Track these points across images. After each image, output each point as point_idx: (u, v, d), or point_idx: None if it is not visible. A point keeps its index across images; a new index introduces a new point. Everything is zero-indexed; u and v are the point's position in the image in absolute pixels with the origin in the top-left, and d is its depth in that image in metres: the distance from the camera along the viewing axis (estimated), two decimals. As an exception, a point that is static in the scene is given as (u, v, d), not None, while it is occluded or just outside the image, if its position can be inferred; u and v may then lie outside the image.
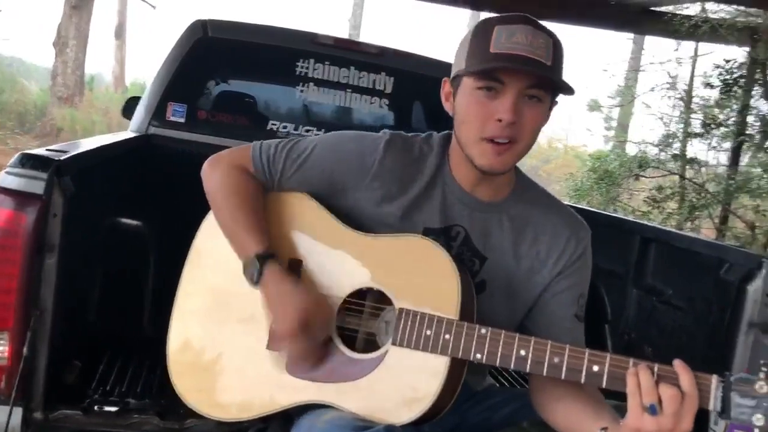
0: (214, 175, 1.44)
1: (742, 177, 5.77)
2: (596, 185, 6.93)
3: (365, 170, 1.39)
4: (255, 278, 1.31)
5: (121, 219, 2.24)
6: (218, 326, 1.39)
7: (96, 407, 1.62)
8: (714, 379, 1.09)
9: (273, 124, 3.19)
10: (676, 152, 6.85)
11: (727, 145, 6.67)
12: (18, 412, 1.46)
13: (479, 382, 1.52)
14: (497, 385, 1.57)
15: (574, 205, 3.49)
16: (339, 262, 1.35)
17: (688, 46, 8.13)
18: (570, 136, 19.55)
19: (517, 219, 1.42)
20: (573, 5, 5.26)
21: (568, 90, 1.30)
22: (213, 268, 1.44)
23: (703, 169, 6.85)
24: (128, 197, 2.51)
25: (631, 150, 8.35)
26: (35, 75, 17.58)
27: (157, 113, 2.99)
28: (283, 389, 1.30)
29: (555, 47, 1.29)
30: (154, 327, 2.18)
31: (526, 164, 20.31)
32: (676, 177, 6.80)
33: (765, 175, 5.88)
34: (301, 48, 3.19)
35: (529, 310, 1.44)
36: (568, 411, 1.26)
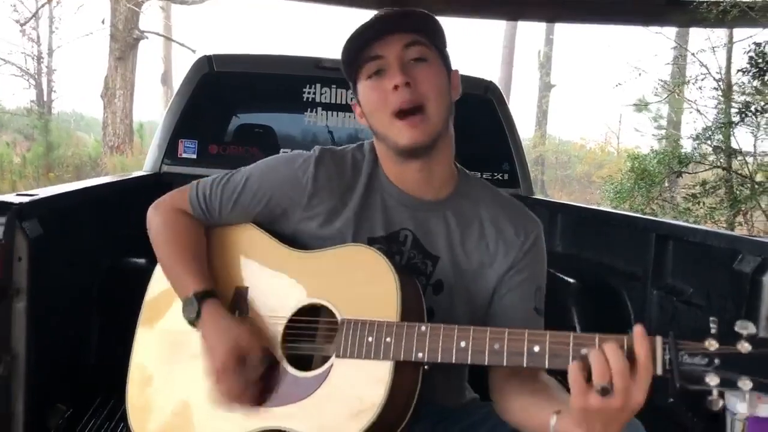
0: (154, 220, 1.45)
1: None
2: (636, 186, 6.68)
3: (301, 192, 1.38)
4: (193, 317, 1.31)
5: (123, 259, 2.24)
6: (170, 365, 1.38)
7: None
8: (658, 340, 0.99)
9: (284, 152, 3.19)
10: (718, 144, 6.55)
11: (775, 132, 6.36)
12: (-3, 458, 1.46)
13: (454, 398, 1.45)
14: (478, 398, 1.49)
15: (591, 207, 3.38)
16: (282, 283, 1.33)
17: (736, 33, 7.82)
18: (622, 139, 19.11)
19: (463, 215, 1.39)
20: (594, 3, 5.14)
21: (437, 33, 1.32)
22: (164, 309, 1.43)
23: (750, 159, 6.52)
24: (135, 236, 2.53)
25: (686, 146, 8.00)
26: (95, 128, 18.31)
27: (169, 151, 3.04)
28: (233, 421, 1.26)
29: (416, 11, 1.31)
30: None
31: (578, 170, 19.95)
32: (722, 170, 6.49)
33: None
34: (306, 74, 3.20)
35: (489, 307, 1.39)
36: (525, 404, 1.21)
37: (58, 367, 1.71)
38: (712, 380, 0.95)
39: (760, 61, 5.30)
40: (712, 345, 0.96)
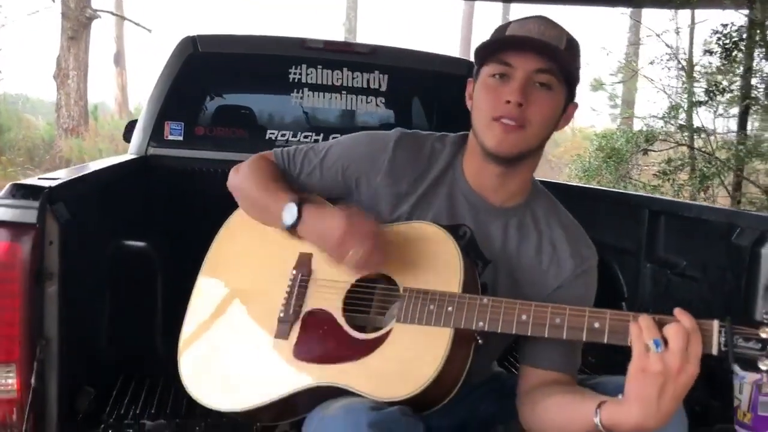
0: (238, 175, 1.51)
1: (752, 141, 5.68)
2: (604, 164, 6.85)
3: (376, 170, 1.43)
4: (294, 221, 1.35)
5: (125, 241, 2.23)
6: (229, 322, 1.42)
7: (111, 432, 1.61)
8: (715, 324, 1.08)
9: (271, 133, 3.19)
10: (682, 123, 6.76)
11: (735, 110, 6.59)
12: (32, 444, 1.45)
13: (484, 375, 1.51)
14: (504, 371, 1.56)
15: (582, 185, 3.46)
16: None
17: (688, 15, 8.02)
18: (577, 118, 19.40)
19: (524, 228, 1.42)
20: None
21: (575, 66, 1.33)
22: (227, 269, 1.48)
23: (712, 137, 6.75)
24: (132, 219, 2.51)
25: (638, 125, 8.24)
26: (41, 110, 17.70)
27: (155, 133, 2.99)
28: (291, 374, 1.30)
29: (569, 40, 1.32)
30: (166, 346, 2.17)
31: (535, 151, 20.18)
32: (686, 148, 6.71)
33: (775, 137, 5.79)
34: (292, 54, 3.18)
35: None
36: (562, 401, 1.25)
37: (84, 350, 1.71)
38: (764, 365, 1.04)
39: (726, 41, 5.47)
40: (765, 332, 1.05)
